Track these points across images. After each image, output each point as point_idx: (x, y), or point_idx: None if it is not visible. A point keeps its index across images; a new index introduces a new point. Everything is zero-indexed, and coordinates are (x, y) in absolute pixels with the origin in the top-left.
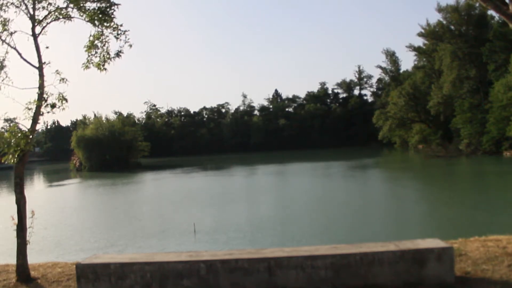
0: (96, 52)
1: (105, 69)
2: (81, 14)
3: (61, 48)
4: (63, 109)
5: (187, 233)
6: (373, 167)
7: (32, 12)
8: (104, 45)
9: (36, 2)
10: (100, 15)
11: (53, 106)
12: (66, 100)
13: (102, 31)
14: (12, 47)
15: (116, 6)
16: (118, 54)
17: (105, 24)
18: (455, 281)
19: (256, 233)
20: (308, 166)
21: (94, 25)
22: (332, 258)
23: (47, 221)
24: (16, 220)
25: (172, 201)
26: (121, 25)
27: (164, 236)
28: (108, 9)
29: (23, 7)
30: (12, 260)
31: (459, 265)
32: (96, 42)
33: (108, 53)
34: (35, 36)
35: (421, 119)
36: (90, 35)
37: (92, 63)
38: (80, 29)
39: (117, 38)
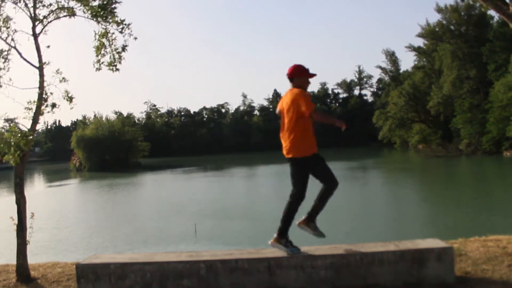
0: (105, 52)
1: (118, 69)
2: (87, 12)
3: (61, 47)
4: (71, 108)
5: (188, 233)
6: (373, 167)
7: (32, 11)
8: (111, 43)
9: (37, 0)
10: (102, 12)
11: (53, 106)
12: (71, 99)
13: (106, 28)
14: (12, 47)
15: (117, 4)
16: (123, 49)
17: (109, 20)
18: (455, 281)
19: (256, 233)
20: None
21: (98, 22)
22: (332, 258)
23: (47, 221)
24: (16, 220)
25: (172, 202)
26: (123, 20)
27: (165, 236)
28: (108, 6)
29: (22, 5)
30: (12, 260)
31: (459, 265)
32: (103, 39)
33: (117, 53)
34: (35, 36)
35: (421, 119)
36: (96, 34)
37: (102, 63)
38: (80, 28)
39: (121, 33)
